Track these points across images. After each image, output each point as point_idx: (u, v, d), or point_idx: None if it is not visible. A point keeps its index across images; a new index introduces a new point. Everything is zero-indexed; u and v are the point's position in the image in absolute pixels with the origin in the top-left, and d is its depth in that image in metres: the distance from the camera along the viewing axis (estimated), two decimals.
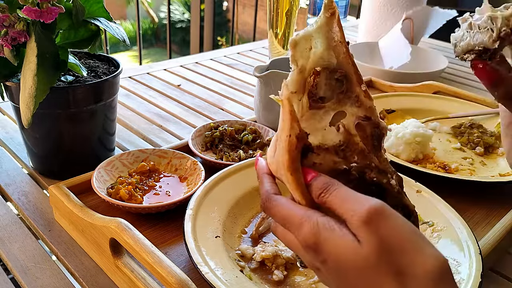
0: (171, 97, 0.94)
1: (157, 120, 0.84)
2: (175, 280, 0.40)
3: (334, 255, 0.30)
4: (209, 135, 0.69)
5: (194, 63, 1.14)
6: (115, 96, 0.63)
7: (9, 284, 0.48)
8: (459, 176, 0.64)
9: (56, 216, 0.56)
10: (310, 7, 0.99)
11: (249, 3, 4.86)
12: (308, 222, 0.31)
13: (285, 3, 0.97)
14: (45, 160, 0.63)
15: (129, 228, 0.45)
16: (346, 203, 0.31)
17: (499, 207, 0.60)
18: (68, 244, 0.52)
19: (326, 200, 0.32)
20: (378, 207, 0.29)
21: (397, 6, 1.18)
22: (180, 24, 6.19)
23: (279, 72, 0.70)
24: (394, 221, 0.29)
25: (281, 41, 1.02)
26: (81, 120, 0.60)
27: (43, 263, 0.50)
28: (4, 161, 0.68)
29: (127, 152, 0.62)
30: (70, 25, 0.56)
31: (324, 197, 0.32)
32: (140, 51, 1.71)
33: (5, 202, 0.59)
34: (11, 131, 0.75)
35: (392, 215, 0.29)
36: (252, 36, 2.16)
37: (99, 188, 0.55)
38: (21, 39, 0.51)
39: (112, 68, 0.64)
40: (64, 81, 0.59)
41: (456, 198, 0.58)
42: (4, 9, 0.51)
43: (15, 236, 0.53)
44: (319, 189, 0.32)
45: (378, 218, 0.29)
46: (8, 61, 0.53)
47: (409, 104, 0.86)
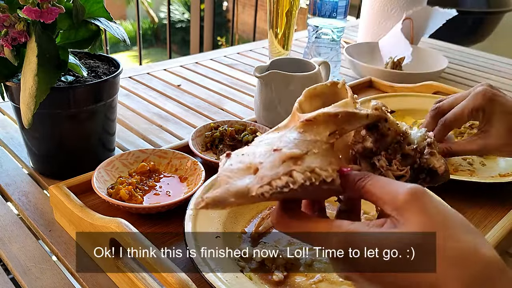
0: (171, 97, 0.94)
1: (157, 120, 0.84)
2: (175, 280, 0.40)
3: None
4: (209, 135, 0.69)
5: (194, 63, 1.14)
6: (115, 96, 0.63)
7: (9, 284, 0.48)
8: (458, 177, 0.64)
9: (56, 216, 0.56)
10: (310, 7, 0.99)
11: (249, 3, 4.86)
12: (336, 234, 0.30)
13: (285, 3, 0.97)
14: (45, 160, 0.63)
15: (129, 228, 0.45)
16: (386, 187, 0.30)
17: (499, 207, 0.60)
18: (68, 244, 0.52)
19: (366, 184, 0.31)
20: (419, 188, 0.29)
21: (397, 6, 1.18)
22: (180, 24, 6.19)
23: (279, 72, 0.70)
24: (435, 201, 0.29)
25: (281, 41, 1.02)
26: (81, 120, 0.60)
27: (43, 263, 0.50)
28: (4, 161, 0.68)
29: (127, 152, 0.62)
30: (70, 25, 0.56)
31: (364, 181, 0.32)
32: (140, 51, 1.71)
33: (5, 202, 0.59)
34: (11, 131, 0.75)
35: (432, 196, 0.29)
36: (252, 36, 2.16)
37: (99, 188, 0.55)
38: (21, 39, 0.51)
39: (112, 68, 0.64)
40: (64, 81, 0.59)
41: (456, 198, 0.58)
42: (5, 9, 0.51)
43: (15, 236, 0.53)
44: (358, 175, 0.32)
45: (421, 197, 0.29)
46: (8, 61, 0.53)
47: (409, 104, 0.86)
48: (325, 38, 0.99)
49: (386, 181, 0.31)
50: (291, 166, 0.31)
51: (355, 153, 0.36)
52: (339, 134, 0.34)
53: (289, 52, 1.04)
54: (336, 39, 0.99)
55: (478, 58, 1.31)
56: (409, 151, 0.36)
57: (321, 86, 0.38)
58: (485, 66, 1.25)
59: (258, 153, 0.33)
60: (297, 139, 0.33)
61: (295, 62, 0.78)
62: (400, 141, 0.36)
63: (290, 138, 0.33)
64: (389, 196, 0.30)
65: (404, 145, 0.36)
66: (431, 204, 0.29)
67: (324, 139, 0.33)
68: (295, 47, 1.26)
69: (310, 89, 0.38)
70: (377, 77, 1.00)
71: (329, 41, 0.99)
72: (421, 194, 0.29)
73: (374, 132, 0.36)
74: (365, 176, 0.32)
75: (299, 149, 0.32)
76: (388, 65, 1.06)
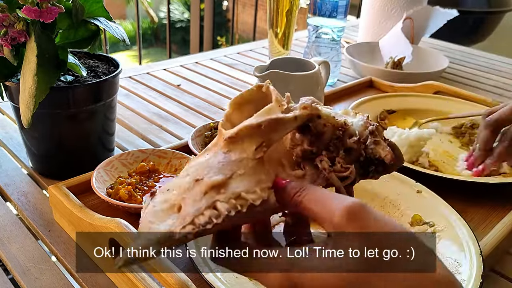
0: (171, 97, 0.94)
1: (156, 120, 0.84)
2: (175, 280, 0.40)
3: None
4: (209, 135, 0.69)
5: (194, 63, 1.14)
6: (115, 96, 0.63)
7: (8, 284, 0.48)
8: (459, 177, 0.63)
9: (56, 217, 0.55)
10: (310, 7, 0.99)
11: (249, 2, 4.86)
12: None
13: (285, 2, 0.97)
14: (44, 160, 0.63)
15: (128, 228, 0.45)
16: (323, 203, 0.28)
17: (500, 207, 0.60)
18: (67, 245, 0.52)
19: (302, 200, 0.29)
20: (355, 205, 0.27)
21: (397, 6, 1.17)
22: (179, 24, 6.19)
23: (279, 72, 0.69)
24: (376, 219, 0.27)
25: (281, 41, 1.02)
26: (80, 120, 0.60)
27: (43, 264, 0.50)
28: (4, 161, 0.67)
29: (127, 152, 0.62)
30: (69, 24, 0.55)
31: (300, 196, 0.29)
32: (140, 51, 1.71)
33: (5, 202, 0.59)
34: (10, 131, 0.75)
35: (372, 213, 0.27)
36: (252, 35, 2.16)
37: (99, 189, 0.55)
38: (20, 39, 0.51)
39: (112, 68, 0.64)
40: (63, 81, 0.58)
41: (457, 198, 0.57)
42: (4, 9, 0.51)
43: (14, 237, 0.53)
44: (294, 189, 0.29)
45: (359, 215, 0.26)
46: (8, 61, 0.53)
47: (409, 104, 0.86)
48: (325, 38, 0.99)
49: (323, 195, 0.29)
50: (214, 196, 0.28)
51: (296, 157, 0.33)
52: (266, 146, 0.31)
53: (289, 51, 1.04)
54: (336, 38, 0.99)
55: (479, 58, 1.31)
56: (351, 145, 0.33)
57: (247, 92, 0.34)
58: (486, 66, 1.25)
59: (183, 186, 0.30)
60: (221, 162, 0.30)
61: (295, 61, 0.77)
62: (340, 135, 0.33)
63: (215, 163, 0.30)
64: (326, 213, 0.27)
65: (346, 138, 0.33)
66: (370, 223, 0.26)
67: (250, 156, 0.30)
68: (295, 46, 1.26)
69: (236, 98, 0.35)
70: (377, 77, 1.00)
71: (329, 41, 0.99)
72: (359, 211, 0.27)
73: (307, 134, 0.33)
74: (301, 189, 0.29)
75: (223, 174, 0.29)
76: (389, 65, 1.06)
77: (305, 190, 0.29)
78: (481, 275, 0.43)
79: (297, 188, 0.30)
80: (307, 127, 0.32)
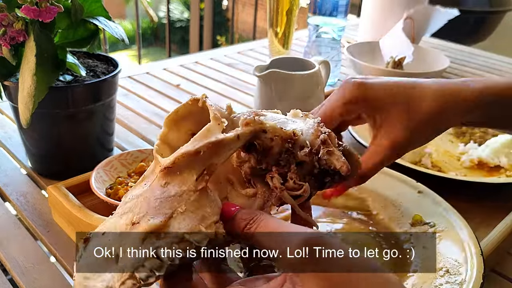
0: (170, 97, 0.94)
1: (156, 120, 0.84)
2: None
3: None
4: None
5: (193, 63, 1.14)
6: (114, 96, 0.63)
7: (7, 285, 0.47)
8: (460, 177, 0.63)
9: (55, 217, 0.55)
10: (310, 6, 0.99)
11: (249, 2, 4.86)
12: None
13: (285, 1, 0.97)
14: (43, 160, 0.63)
15: None
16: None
17: (501, 208, 0.60)
18: (66, 245, 0.52)
19: (254, 232, 0.26)
20: (312, 238, 0.24)
21: (398, 5, 1.17)
22: (179, 23, 6.19)
23: (279, 72, 0.69)
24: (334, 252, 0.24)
25: (281, 41, 1.02)
26: (79, 120, 0.59)
27: (42, 264, 0.49)
28: (3, 161, 0.67)
29: (126, 152, 0.62)
30: (68, 24, 0.55)
31: (252, 228, 0.27)
32: (140, 51, 1.71)
33: (4, 203, 0.59)
34: (9, 131, 0.75)
35: (331, 244, 0.24)
36: (252, 35, 2.16)
37: (98, 189, 0.54)
38: (19, 38, 0.51)
39: (111, 68, 0.64)
40: (62, 80, 0.58)
41: (458, 199, 0.57)
42: (3, 8, 0.50)
43: (13, 237, 0.53)
44: (245, 219, 0.27)
45: (316, 250, 0.24)
46: (7, 61, 0.53)
47: None
48: (326, 37, 0.98)
49: (276, 226, 0.26)
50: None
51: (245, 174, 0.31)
52: (208, 174, 0.28)
53: (289, 51, 1.04)
54: (336, 38, 0.99)
55: (479, 58, 1.31)
56: (303, 158, 0.30)
57: (183, 107, 0.31)
58: (486, 66, 1.24)
59: (118, 229, 0.27)
60: (159, 199, 0.27)
61: (295, 61, 0.77)
62: (290, 148, 0.30)
63: (152, 199, 0.27)
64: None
65: (296, 151, 0.30)
66: (329, 260, 0.24)
67: (191, 187, 0.27)
68: (295, 46, 1.26)
69: (170, 115, 0.32)
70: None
71: (330, 40, 0.99)
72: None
73: (253, 151, 0.30)
74: (251, 220, 0.27)
75: (162, 214, 0.26)
76: (389, 64, 1.06)
77: (256, 222, 0.27)
78: (482, 276, 0.43)
79: (247, 219, 0.27)
80: (252, 146, 0.30)
